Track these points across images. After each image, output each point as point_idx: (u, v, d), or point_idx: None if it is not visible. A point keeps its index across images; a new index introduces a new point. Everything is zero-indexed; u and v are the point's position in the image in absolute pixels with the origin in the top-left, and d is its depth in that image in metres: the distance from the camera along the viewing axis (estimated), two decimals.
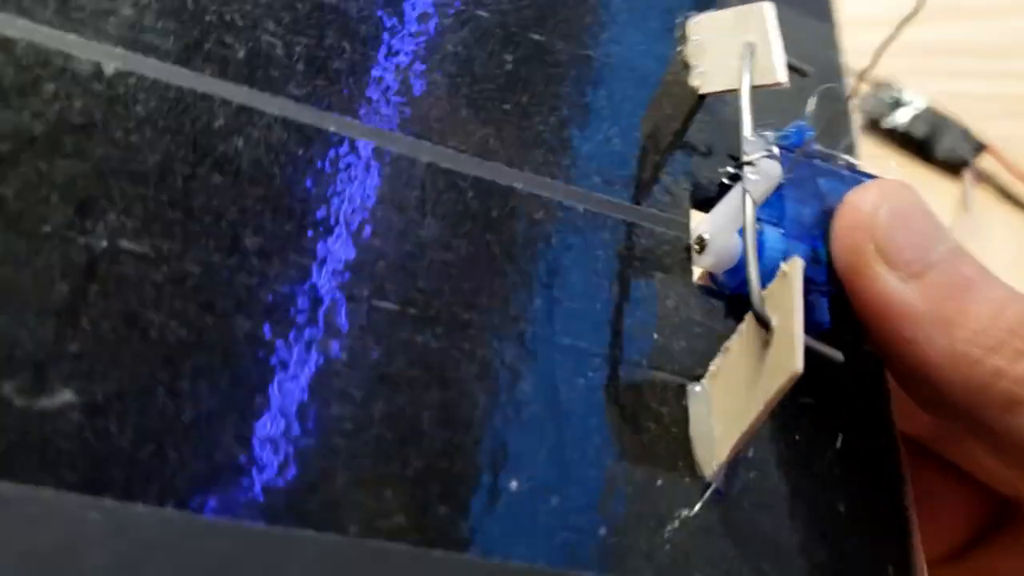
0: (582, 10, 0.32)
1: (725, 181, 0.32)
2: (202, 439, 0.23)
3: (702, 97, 0.33)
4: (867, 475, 0.30)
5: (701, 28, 0.34)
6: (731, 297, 0.31)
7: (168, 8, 0.26)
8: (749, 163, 0.29)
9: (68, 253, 0.23)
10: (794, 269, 0.26)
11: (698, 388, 0.29)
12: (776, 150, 0.30)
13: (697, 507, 0.27)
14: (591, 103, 0.31)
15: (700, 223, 0.31)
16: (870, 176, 0.33)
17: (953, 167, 0.70)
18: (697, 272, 0.31)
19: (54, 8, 0.25)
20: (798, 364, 0.25)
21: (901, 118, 0.71)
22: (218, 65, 0.26)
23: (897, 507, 0.30)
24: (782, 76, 0.30)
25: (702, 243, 0.31)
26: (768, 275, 0.30)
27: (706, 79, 0.33)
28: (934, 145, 0.70)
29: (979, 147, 0.70)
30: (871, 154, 0.71)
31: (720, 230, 0.30)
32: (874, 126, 0.70)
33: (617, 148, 0.31)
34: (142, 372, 0.23)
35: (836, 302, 0.31)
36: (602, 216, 0.30)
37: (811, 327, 0.29)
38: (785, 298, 0.26)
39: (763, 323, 0.27)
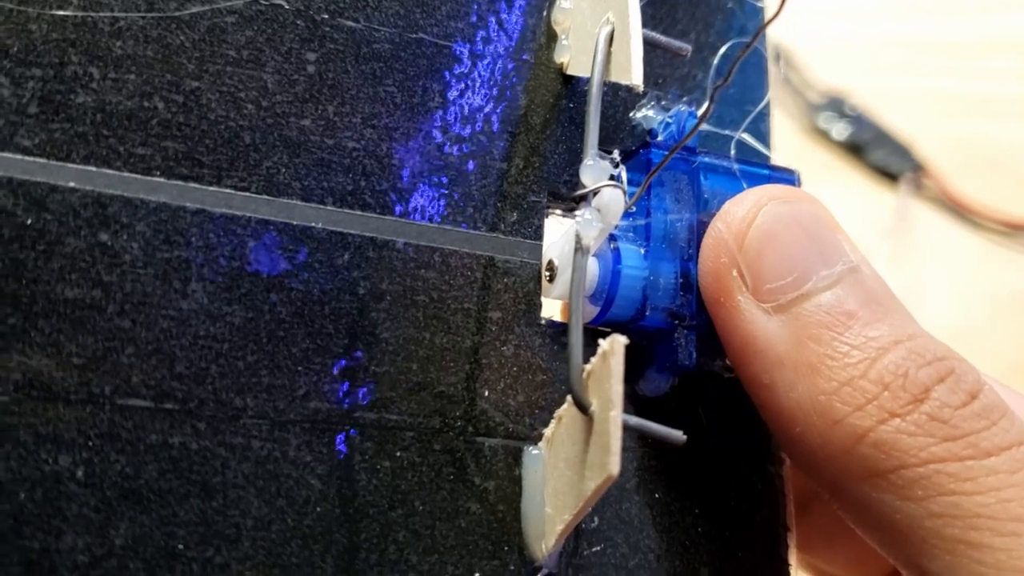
0: None
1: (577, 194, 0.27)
2: None
3: (568, 78, 0.28)
4: (739, 533, 0.27)
5: None
6: (593, 330, 0.26)
7: None
8: (583, 198, 0.24)
9: None
10: (614, 349, 0.21)
11: (535, 451, 0.25)
12: (623, 172, 0.25)
13: None
14: (422, 103, 0.26)
15: (551, 245, 0.26)
16: (777, 171, 0.28)
17: (893, 177, 0.72)
18: (548, 305, 0.26)
19: None
20: (613, 468, 0.21)
21: (846, 127, 0.72)
22: None
23: (774, 566, 0.27)
24: (637, 77, 0.24)
25: (553, 270, 0.26)
26: (627, 306, 0.25)
27: (572, 57, 0.27)
28: (873, 156, 0.72)
29: (917, 167, 0.71)
30: (816, 162, 0.72)
31: (570, 256, 0.25)
32: (819, 134, 0.73)
33: (455, 159, 0.26)
34: None
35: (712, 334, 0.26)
36: (427, 250, 0.25)
37: (674, 369, 0.25)
38: (604, 384, 0.22)
39: (582, 408, 0.22)
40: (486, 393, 0.25)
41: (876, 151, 0.72)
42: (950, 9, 0.79)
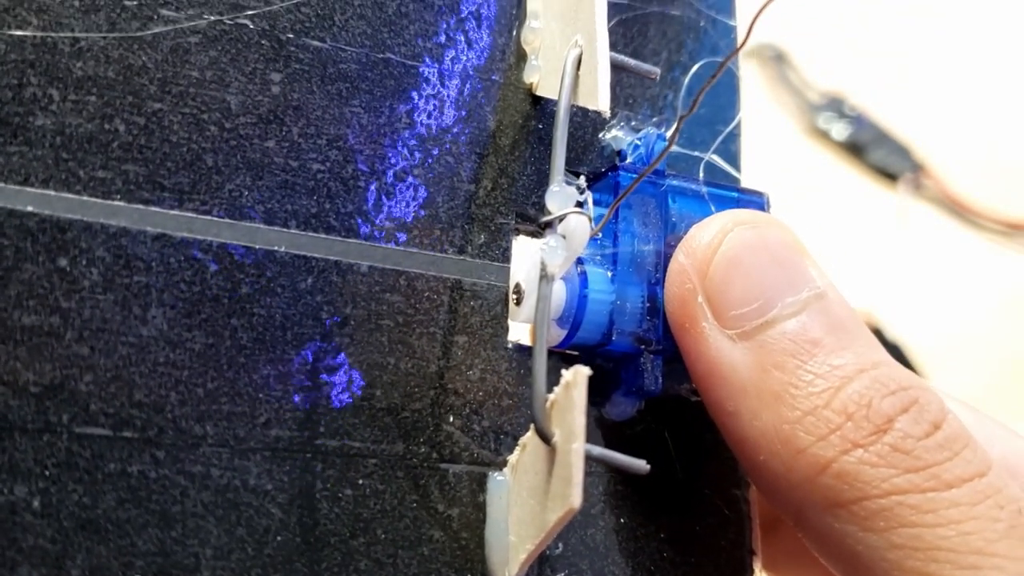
0: None
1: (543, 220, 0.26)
2: None
3: (537, 98, 0.27)
4: (705, 558, 0.27)
5: (539, 1, 0.28)
6: (560, 354, 0.26)
7: None
8: (549, 224, 0.24)
9: None
10: (577, 380, 0.21)
11: (500, 477, 0.25)
12: (589, 198, 0.25)
13: None
14: (389, 124, 0.26)
15: (518, 268, 0.26)
16: (746, 194, 0.28)
17: (893, 177, 0.72)
18: (515, 328, 0.26)
19: None
20: (575, 500, 0.21)
21: (846, 127, 0.72)
22: None
23: None
24: (604, 104, 0.24)
25: (520, 293, 0.26)
26: (593, 330, 0.25)
27: (541, 78, 0.27)
28: (873, 156, 0.72)
29: (917, 167, 0.71)
30: (816, 162, 0.72)
31: (536, 281, 0.25)
32: (819, 134, 0.73)
33: (422, 180, 0.26)
34: None
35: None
36: (393, 273, 0.25)
37: (640, 393, 0.25)
38: (567, 415, 0.22)
39: (544, 438, 0.22)
40: (451, 419, 0.25)
41: (876, 151, 0.72)
42: (951, 10, 0.79)
